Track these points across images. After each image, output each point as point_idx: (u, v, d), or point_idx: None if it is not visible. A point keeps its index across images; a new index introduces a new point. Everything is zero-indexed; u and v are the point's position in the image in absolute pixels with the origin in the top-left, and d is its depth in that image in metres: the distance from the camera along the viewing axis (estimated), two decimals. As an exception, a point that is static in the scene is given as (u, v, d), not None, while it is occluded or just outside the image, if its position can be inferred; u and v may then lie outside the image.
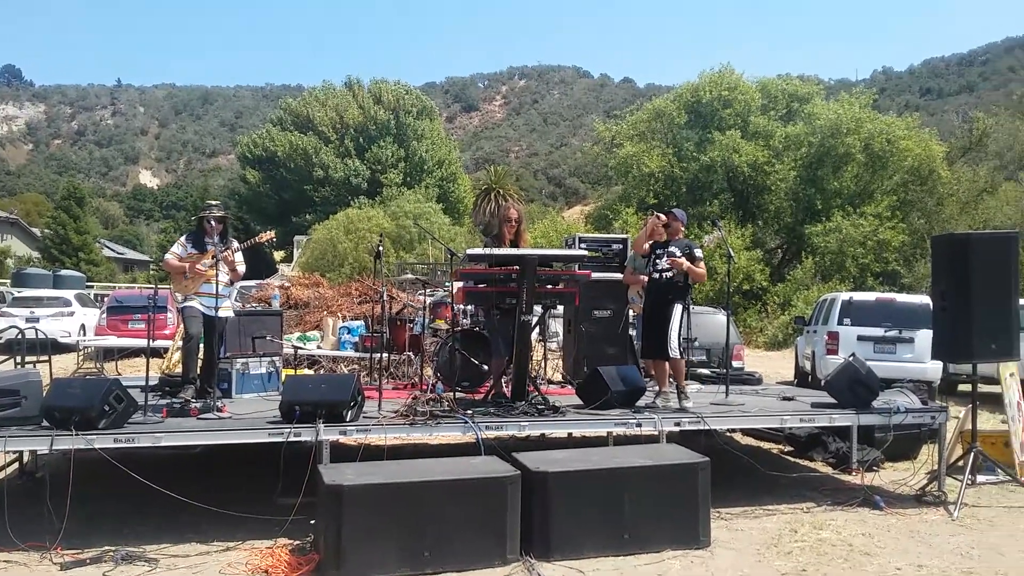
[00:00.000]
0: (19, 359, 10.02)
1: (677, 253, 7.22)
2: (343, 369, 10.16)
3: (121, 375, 11.32)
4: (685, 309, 7.23)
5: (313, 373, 9.60)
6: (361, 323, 11.07)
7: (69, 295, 21.62)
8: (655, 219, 7.42)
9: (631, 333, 9.44)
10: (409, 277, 15.18)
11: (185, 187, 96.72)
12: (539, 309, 7.03)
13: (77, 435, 5.28)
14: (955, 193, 31.18)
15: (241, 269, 7.28)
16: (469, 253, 7.09)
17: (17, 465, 7.28)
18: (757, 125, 34.40)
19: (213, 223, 7.11)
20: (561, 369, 10.01)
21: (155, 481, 5.47)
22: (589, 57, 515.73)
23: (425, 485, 5.10)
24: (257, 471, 6.67)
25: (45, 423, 5.49)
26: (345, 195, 47.35)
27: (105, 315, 18.06)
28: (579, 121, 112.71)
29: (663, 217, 7.41)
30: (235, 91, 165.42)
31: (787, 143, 33.67)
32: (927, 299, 11.56)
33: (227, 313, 7.27)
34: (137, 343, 14.54)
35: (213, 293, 6.87)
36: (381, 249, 8.08)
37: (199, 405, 6.46)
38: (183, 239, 7.33)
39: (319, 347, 10.74)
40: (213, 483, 6.78)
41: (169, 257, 7.21)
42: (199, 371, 7.11)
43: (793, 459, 8.68)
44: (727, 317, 8.87)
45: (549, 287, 6.94)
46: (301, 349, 10.03)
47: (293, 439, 5.65)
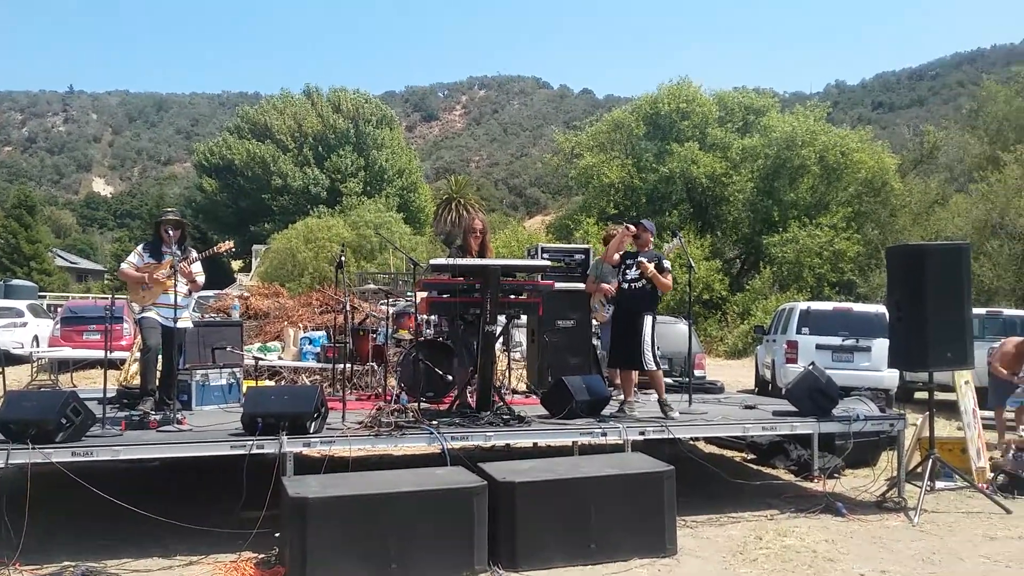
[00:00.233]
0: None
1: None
2: (305, 380, 10.03)
3: (77, 387, 11.07)
4: (654, 320, 7.27)
5: (275, 384, 9.47)
6: (323, 333, 10.93)
7: (21, 305, 21.18)
8: (625, 230, 7.45)
9: (595, 343, 9.48)
10: (371, 287, 15.04)
11: (140, 195, 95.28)
12: (503, 319, 7.03)
13: (34, 449, 5.15)
14: (907, 204, 31.86)
15: (200, 280, 7.11)
16: (432, 263, 7.07)
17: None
18: (714, 137, 34.99)
19: (170, 231, 6.95)
20: (525, 379, 10.00)
21: (116, 495, 5.34)
22: (548, 68, 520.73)
23: (391, 497, 5.05)
24: (219, 484, 6.55)
25: (0, 437, 5.34)
26: (304, 204, 46.96)
27: (59, 326, 17.75)
28: (539, 131, 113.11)
29: (633, 228, 7.45)
30: (191, 98, 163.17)
31: (744, 155, 34.27)
32: (883, 308, 11.81)
33: (186, 324, 7.14)
34: (93, 354, 14.18)
35: (172, 304, 6.70)
36: (343, 259, 8.00)
37: (158, 417, 6.33)
38: (139, 248, 7.16)
39: (280, 358, 10.60)
40: (175, 497, 6.66)
41: (125, 267, 7.06)
42: (158, 383, 6.96)
43: (756, 467, 8.76)
44: (689, 326, 8.95)
45: (513, 297, 6.92)
46: (262, 360, 9.89)
47: (256, 451, 5.57)
